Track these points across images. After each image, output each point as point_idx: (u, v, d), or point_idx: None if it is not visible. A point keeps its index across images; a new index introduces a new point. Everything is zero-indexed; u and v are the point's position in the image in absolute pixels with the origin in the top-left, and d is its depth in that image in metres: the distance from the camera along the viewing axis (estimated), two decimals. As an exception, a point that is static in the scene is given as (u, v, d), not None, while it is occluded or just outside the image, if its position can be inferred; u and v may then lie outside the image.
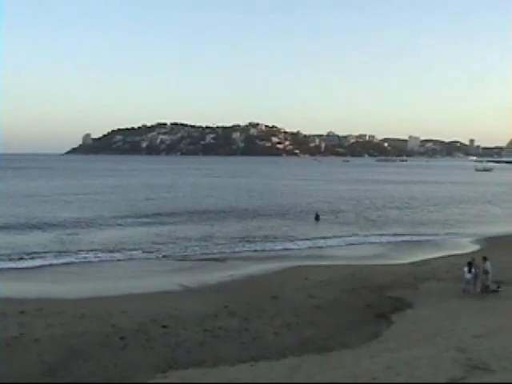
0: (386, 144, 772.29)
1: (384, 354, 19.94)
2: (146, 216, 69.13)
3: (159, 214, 70.62)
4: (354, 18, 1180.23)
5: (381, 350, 20.53)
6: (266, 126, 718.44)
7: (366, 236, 56.31)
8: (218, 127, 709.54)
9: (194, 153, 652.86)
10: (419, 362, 18.09)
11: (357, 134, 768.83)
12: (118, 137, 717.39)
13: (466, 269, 29.83)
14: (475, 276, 29.62)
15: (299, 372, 18.39)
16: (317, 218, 68.75)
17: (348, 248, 49.67)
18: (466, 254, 42.01)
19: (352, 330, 24.26)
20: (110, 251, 45.63)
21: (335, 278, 34.55)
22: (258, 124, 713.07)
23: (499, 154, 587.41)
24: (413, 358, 18.85)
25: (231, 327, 24.24)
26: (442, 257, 43.30)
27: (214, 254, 45.81)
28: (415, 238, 55.30)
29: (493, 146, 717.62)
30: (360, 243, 52.13)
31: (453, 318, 24.86)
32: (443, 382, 15.77)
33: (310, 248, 49.14)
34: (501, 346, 19.53)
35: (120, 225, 61.86)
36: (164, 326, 24.11)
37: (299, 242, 51.78)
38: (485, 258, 30.47)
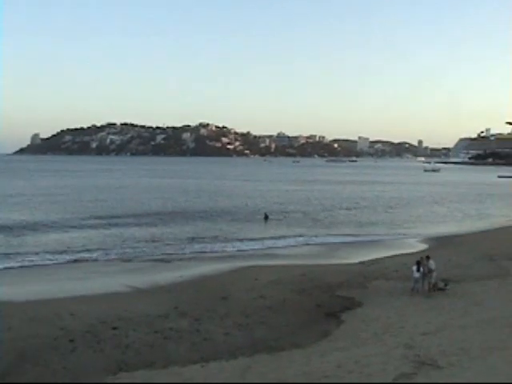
0: (335, 145, 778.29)
1: (334, 352, 20.14)
2: (95, 217, 68.24)
3: (108, 216, 69.75)
4: (298, 15, 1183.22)
5: (331, 349, 20.73)
6: (217, 126, 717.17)
7: (315, 236, 56.63)
8: (168, 127, 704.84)
9: (144, 153, 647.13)
10: (369, 360, 18.32)
11: (307, 134, 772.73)
12: (68, 137, 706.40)
13: (414, 268, 30.31)
14: (423, 275, 30.15)
15: (250, 372, 18.43)
16: (266, 218, 69.17)
17: (297, 248, 49.94)
18: (415, 253, 42.65)
19: (302, 329, 24.44)
20: (59, 253, 44.95)
21: (285, 278, 34.74)
22: (208, 124, 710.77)
23: (447, 155, 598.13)
24: (363, 355, 19.09)
25: (182, 328, 24.16)
26: (391, 256, 43.84)
27: (163, 254, 45.49)
28: (364, 238, 56.02)
29: (441, 147, 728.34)
30: (309, 243, 52.45)
31: (402, 316, 25.28)
32: (393, 378, 16.01)
33: (259, 248, 49.30)
34: (448, 342, 19.93)
35: (68, 226, 60.84)
36: (114, 328, 23.89)
37: (248, 243, 52.01)
38: (428, 257, 31.09)
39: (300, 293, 30.89)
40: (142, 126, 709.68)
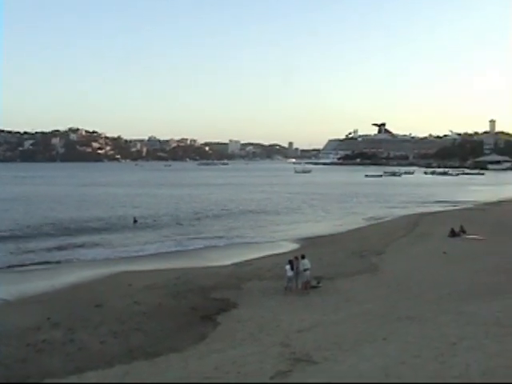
0: (207, 148, 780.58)
1: (212, 354, 20.22)
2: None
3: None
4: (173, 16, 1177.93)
5: (208, 351, 20.81)
6: (87, 131, 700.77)
7: (186, 240, 56.54)
8: (36, 133, 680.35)
9: (12, 160, 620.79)
10: (246, 360, 18.52)
11: (178, 138, 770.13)
12: None
13: (287, 267, 30.91)
14: (296, 273, 30.84)
15: (128, 379, 18.23)
16: (135, 222, 68.84)
17: (169, 252, 49.73)
18: (286, 253, 43.53)
19: (179, 333, 24.37)
20: None
21: (159, 282, 34.48)
22: (78, 129, 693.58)
23: (317, 156, 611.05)
24: (240, 356, 19.28)
25: (55, 339, 23.37)
26: (263, 257, 44.48)
27: (30, 264, 43.48)
28: (235, 241, 56.40)
29: (311, 148, 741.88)
30: (181, 247, 52.39)
31: (277, 315, 25.74)
32: (270, 376, 16.27)
33: (130, 254, 48.53)
34: (322, 338, 20.49)
35: None
36: (-19, 344, 22.89)
37: (118, 248, 51.09)
38: (303, 257, 31.87)
39: (175, 297, 30.77)
40: (9, 132, 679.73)
